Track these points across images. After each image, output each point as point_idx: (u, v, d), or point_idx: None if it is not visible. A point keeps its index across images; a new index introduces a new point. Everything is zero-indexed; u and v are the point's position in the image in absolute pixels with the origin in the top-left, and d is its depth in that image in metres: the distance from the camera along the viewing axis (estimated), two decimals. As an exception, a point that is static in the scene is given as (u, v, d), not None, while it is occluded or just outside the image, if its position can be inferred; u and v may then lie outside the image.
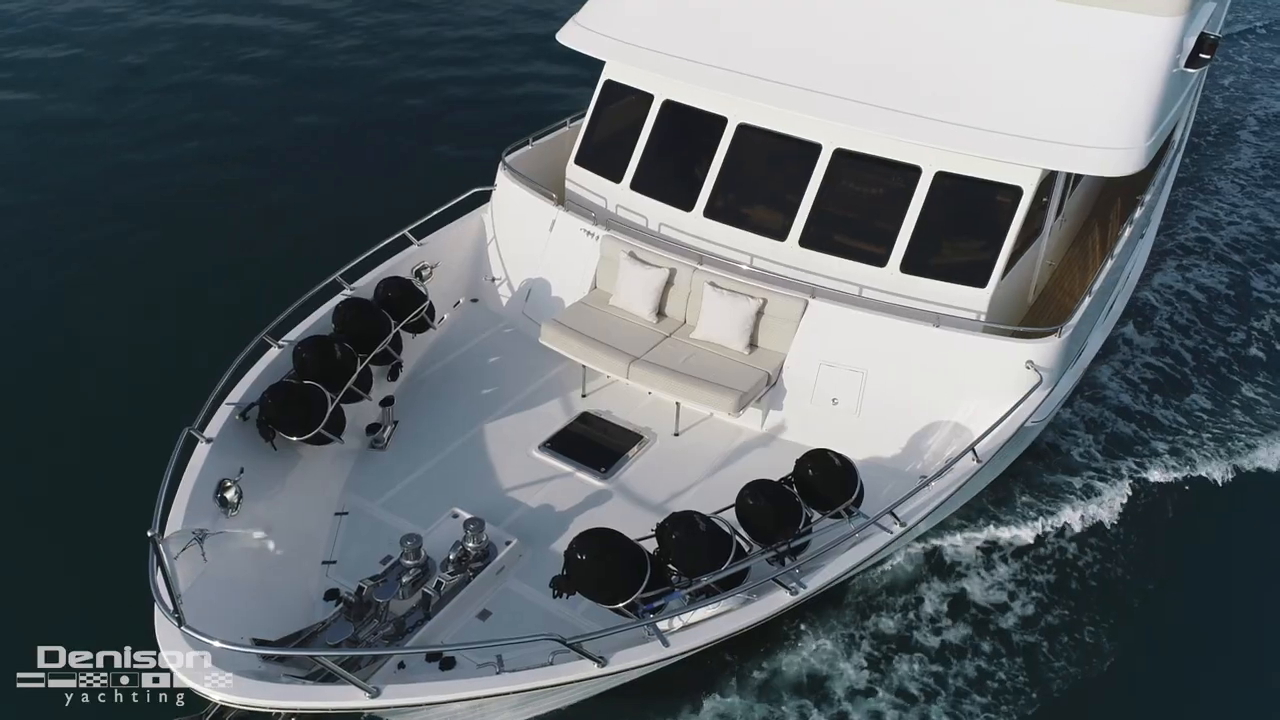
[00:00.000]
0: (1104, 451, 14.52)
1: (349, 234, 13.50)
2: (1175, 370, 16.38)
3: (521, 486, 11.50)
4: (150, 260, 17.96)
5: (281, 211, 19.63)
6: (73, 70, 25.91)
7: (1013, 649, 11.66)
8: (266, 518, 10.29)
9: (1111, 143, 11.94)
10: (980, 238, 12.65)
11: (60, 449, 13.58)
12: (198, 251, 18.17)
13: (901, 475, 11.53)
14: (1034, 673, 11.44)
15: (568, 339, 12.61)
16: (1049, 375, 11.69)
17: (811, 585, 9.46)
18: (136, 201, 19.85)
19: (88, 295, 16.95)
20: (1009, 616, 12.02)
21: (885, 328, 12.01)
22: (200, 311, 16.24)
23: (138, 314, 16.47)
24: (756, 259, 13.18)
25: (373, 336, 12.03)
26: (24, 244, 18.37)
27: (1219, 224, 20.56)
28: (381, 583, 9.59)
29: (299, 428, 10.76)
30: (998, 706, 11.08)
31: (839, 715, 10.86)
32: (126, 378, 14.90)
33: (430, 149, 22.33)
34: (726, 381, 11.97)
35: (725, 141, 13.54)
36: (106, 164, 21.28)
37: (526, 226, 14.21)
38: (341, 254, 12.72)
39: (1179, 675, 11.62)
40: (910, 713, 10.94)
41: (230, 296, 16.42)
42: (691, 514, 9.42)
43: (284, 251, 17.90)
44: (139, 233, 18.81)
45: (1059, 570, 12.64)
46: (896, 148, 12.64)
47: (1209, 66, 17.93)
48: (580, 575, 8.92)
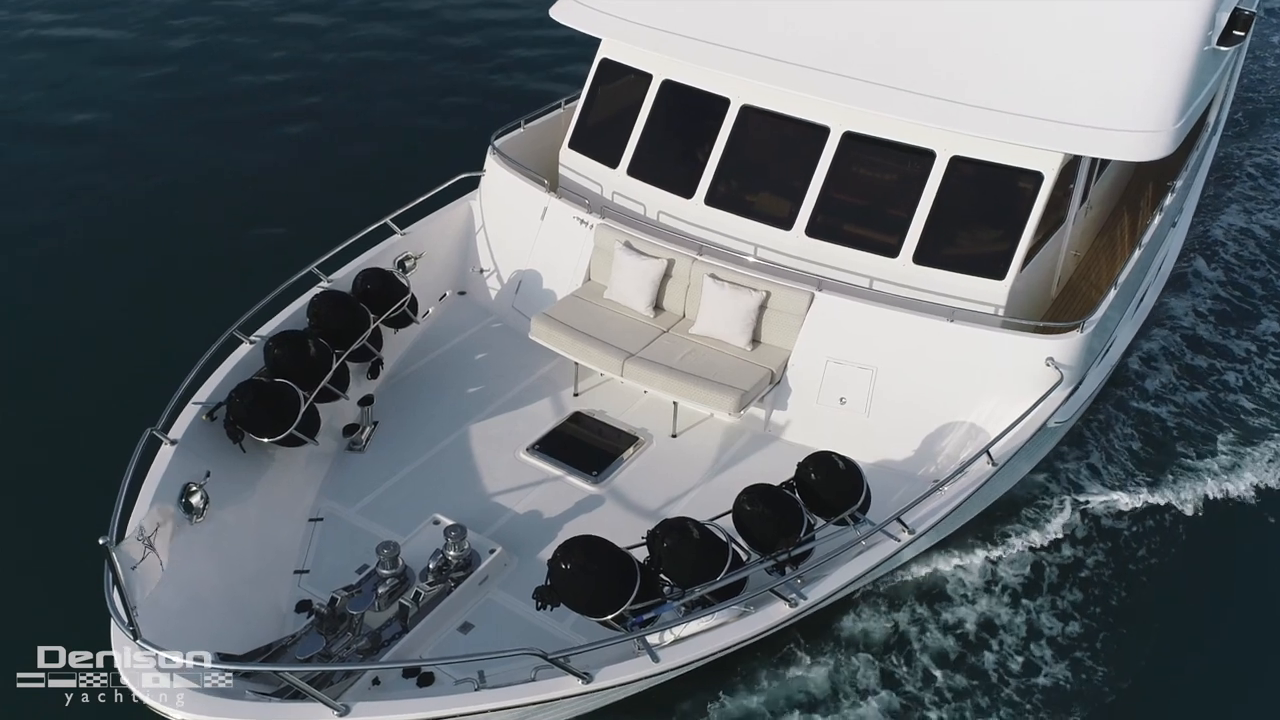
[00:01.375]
0: (1136, 453, 14.48)
1: (327, 223, 13.54)
2: (1214, 366, 16.33)
3: (508, 491, 11.47)
4: (114, 251, 17.99)
5: (255, 199, 19.64)
6: (35, 59, 25.94)
7: (1032, 668, 11.60)
8: (234, 524, 10.27)
9: (1138, 125, 11.88)
10: (998, 227, 12.59)
11: (38, 448, 13.67)
12: (165, 242, 18.18)
13: (912, 479, 11.51)
14: (1057, 695, 11.38)
15: (559, 334, 12.59)
16: (1071, 373, 11.63)
17: (812, 596, 9.42)
18: (100, 191, 19.90)
19: (49, 288, 17.01)
20: (1028, 631, 11.95)
21: (896, 322, 11.97)
22: (167, 305, 16.25)
23: (102, 307, 16.51)
24: (760, 249, 13.15)
25: (350, 331, 12.02)
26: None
27: (1258, 208, 20.51)
28: (356, 593, 9.58)
29: (270, 428, 10.73)
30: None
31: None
32: (92, 374, 14.95)
33: (414, 132, 22.30)
34: (727, 380, 11.94)
35: (728, 124, 13.52)
36: (69, 152, 21.33)
37: (516, 214, 14.19)
38: (319, 244, 12.69)
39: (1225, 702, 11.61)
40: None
41: (200, 289, 16.42)
42: (685, 521, 9.39)
43: (258, 242, 17.91)
44: (103, 222, 18.89)
45: (1083, 584, 12.58)
46: (909, 131, 12.59)
47: (1246, 43, 17.79)
48: (564, 585, 8.87)
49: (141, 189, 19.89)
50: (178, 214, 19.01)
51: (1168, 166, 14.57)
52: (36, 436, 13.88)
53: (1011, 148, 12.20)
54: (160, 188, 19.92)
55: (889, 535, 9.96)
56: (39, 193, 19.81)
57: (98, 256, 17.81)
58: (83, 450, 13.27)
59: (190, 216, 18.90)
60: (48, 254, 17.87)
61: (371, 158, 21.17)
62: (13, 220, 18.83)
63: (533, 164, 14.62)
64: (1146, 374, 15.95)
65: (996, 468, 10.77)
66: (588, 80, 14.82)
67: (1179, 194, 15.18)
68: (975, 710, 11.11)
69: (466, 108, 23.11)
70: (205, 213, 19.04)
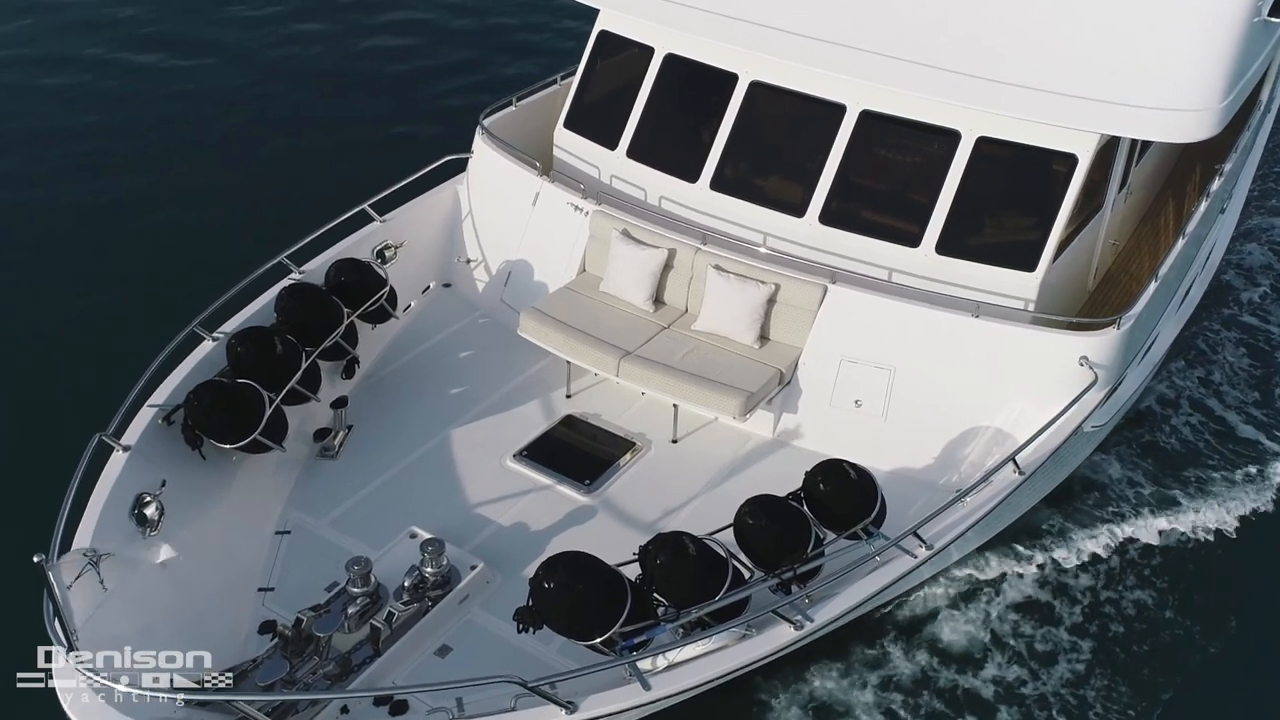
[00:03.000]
0: (1181, 460, 14.43)
1: (298, 209, 13.60)
2: (1269, 365, 16.29)
3: (492, 502, 11.44)
4: (63, 240, 17.94)
5: (219, 184, 19.57)
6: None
7: (1063, 703, 11.52)
8: (192, 538, 10.22)
9: (1182, 103, 11.76)
10: (1029, 214, 12.56)
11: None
12: (119, 230, 18.13)
13: (932, 489, 11.47)
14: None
15: (550, 330, 12.54)
16: (1106, 374, 11.57)
17: (820, 618, 9.34)
18: (50, 173, 19.83)
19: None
20: (1059, 658, 11.88)
21: (917, 318, 11.92)
22: (121, 298, 16.21)
23: (49, 301, 16.43)
24: (770, 238, 13.12)
25: (322, 327, 11.96)
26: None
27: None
28: (324, 613, 9.53)
29: (231, 433, 10.65)
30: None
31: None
32: (37, 374, 14.93)
33: (395, 110, 22.25)
34: (732, 380, 11.89)
35: (735, 102, 13.48)
36: (22, 130, 21.34)
37: (506, 200, 14.15)
38: (289, 232, 12.62)
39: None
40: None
41: (158, 281, 16.38)
42: (680, 535, 9.33)
43: (223, 230, 17.85)
44: (51, 208, 18.81)
45: (1119, 608, 12.52)
46: (932, 109, 12.51)
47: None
48: (547, 606, 8.81)
49: (94, 171, 19.83)
50: (134, 199, 18.94)
51: (1216, 148, 14.49)
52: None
53: (1043, 128, 12.10)
54: (115, 171, 19.86)
55: (905, 551, 9.87)
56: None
57: (46, 245, 17.76)
58: (25, 458, 13.28)
59: (148, 202, 18.83)
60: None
61: (348, 137, 21.10)
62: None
63: (524, 145, 14.54)
64: (1191, 374, 15.87)
65: (1024, 477, 10.68)
66: (585, 54, 14.78)
67: (1227, 178, 15.08)
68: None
69: (452, 84, 23.08)
70: (164, 198, 18.97)
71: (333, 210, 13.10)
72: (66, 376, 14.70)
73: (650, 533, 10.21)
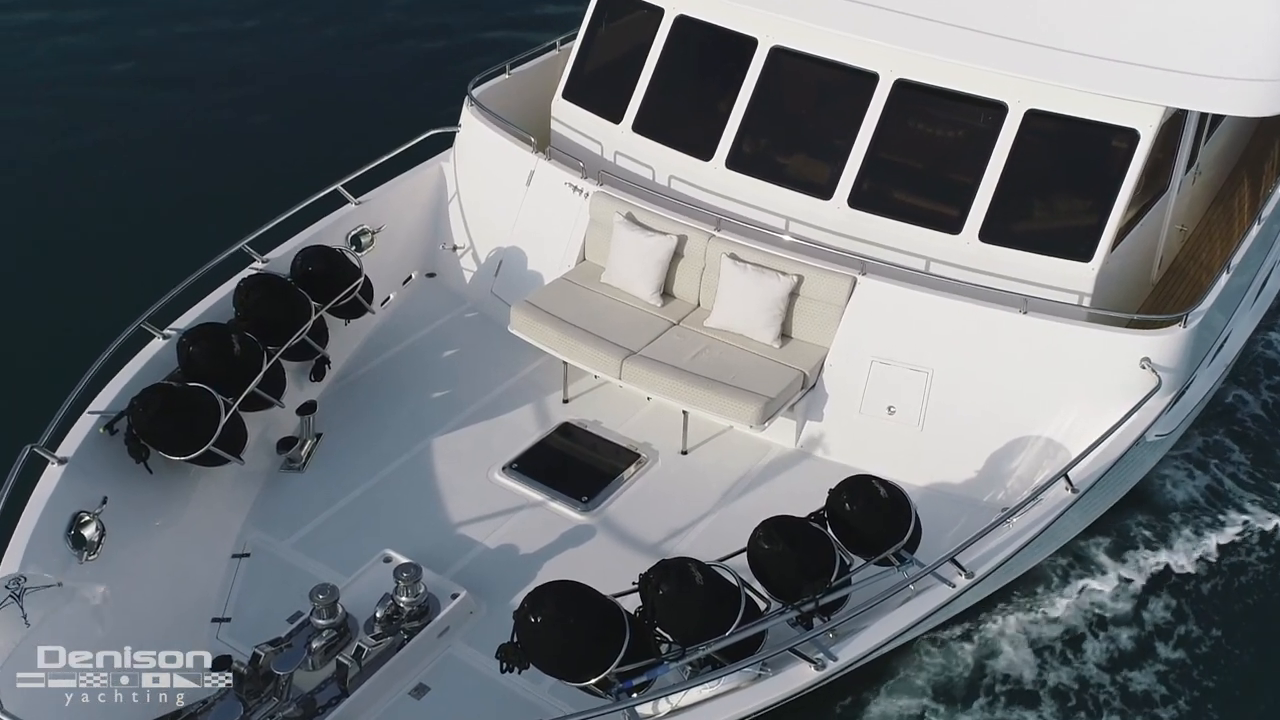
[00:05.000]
0: (1262, 471, 14.34)
1: (262, 189, 13.57)
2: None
3: (477, 521, 11.39)
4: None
5: (172, 160, 19.57)
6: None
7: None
8: (137, 562, 10.14)
9: (1256, 73, 11.78)
10: (1084, 196, 12.55)
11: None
12: (57, 214, 18.10)
13: (974, 508, 11.43)
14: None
15: (545, 326, 12.52)
16: (1172, 376, 11.49)
17: (845, 656, 9.23)
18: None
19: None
20: (1113, 697, 11.76)
21: (958, 314, 11.87)
22: (61, 290, 16.17)
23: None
24: (792, 223, 13.08)
25: (287, 323, 11.91)
26: None
27: None
28: (286, 648, 9.39)
29: (181, 444, 10.55)
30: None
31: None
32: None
33: (373, 77, 22.35)
34: (749, 384, 11.83)
35: (755, 70, 13.46)
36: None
37: (497, 179, 14.17)
38: (251, 216, 12.62)
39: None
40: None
41: (102, 271, 16.36)
42: (686, 561, 9.22)
43: (175, 212, 17.85)
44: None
45: (1189, 642, 12.37)
46: (976, 78, 12.46)
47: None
48: (533, 643, 8.71)
49: (33, 149, 19.85)
50: (71, 178, 18.97)
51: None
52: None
53: (1101, 100, 12.03)
54: (49, 145, 19.87)
55: (942, 579, 9.76)
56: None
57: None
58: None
59: (88, 182, 18.86)
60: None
61: (318, 108, 21.19)
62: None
63: (519, 118, 14.57)
64: (1268, 375, 15.80)
65: (1078, 494, 10.59)
66: (586, 17, 14.83)
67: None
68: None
69: (437, 48, 23.26)
70: (107, 177, 18.99)
71: (300, 191, 13.06)
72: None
73: (654, 557, 10.09)
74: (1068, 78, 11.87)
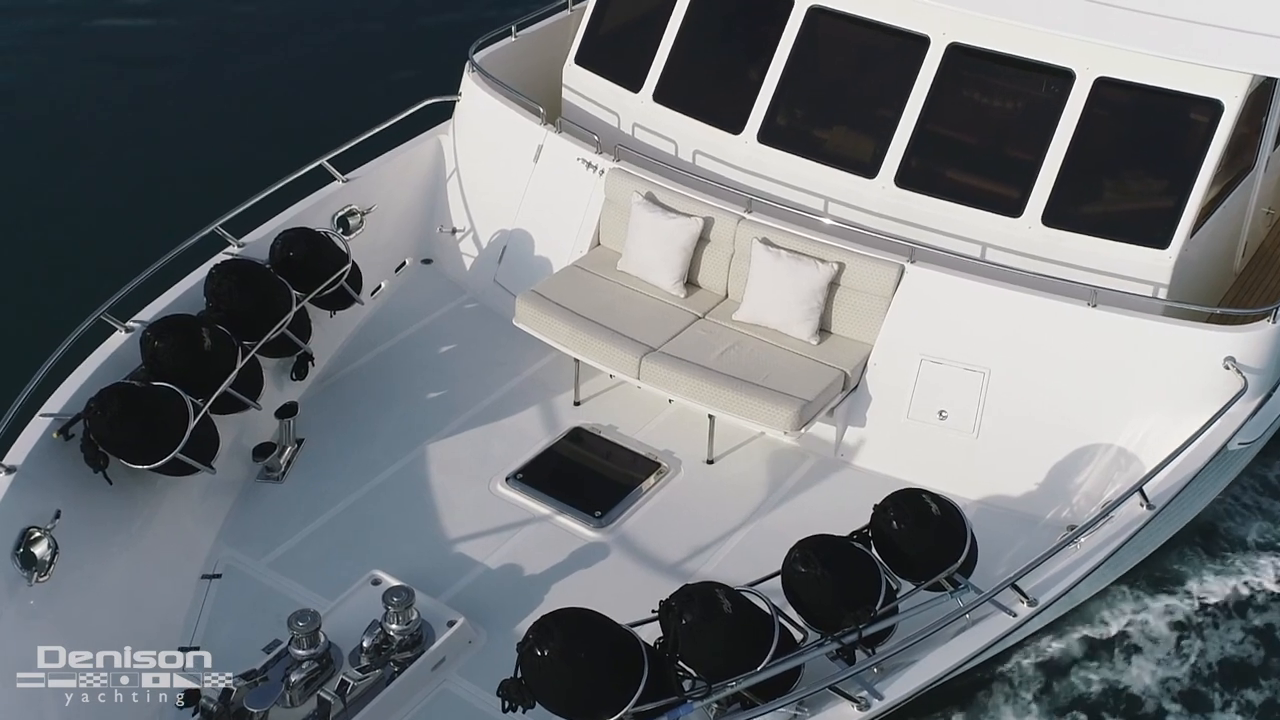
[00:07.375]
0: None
1: (238, 165, 13.52)
2: None
3: (477, 538, 11.36)
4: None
5: (138, 134, 19.68)
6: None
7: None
8: (94, 584, 10.12)
9: None
10: (1160, 175, 12.56)
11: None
12: (13, 191, 18.13)
13: (1037, 527, 11.40)
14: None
15: (554, 319, 12.52)
16: (1258, 379, 11.43)
17: (891, 695, 9.11)
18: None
19: None
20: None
21: (1018, 307, 11.82)
22: (10, 279, 16.16)
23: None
24: (832, 204, 13.10)
25: (265, 316, 11.90)
26: None
27: None
28: (261, 681, 9.32)
29: (144, 451, 10.51)
30: None
31: None
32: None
33: (364, 40, 22.50)
34: (783, 385, 11.80)
35: (790, 32, 13.50)
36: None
37: (502, 155, 14.21)
38: (226, 194, 12.61)
39: None
40: None
41: (56, 256, 16.44)
42: (711, 587, 9.15)
43: (142, 191, 17.93)
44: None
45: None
46: (1040, 43, 12.46)
47: None
48: (539, 679, 8.60)
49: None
50: (26, 156, 19.03)
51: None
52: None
53: (1179, 67, 12.01)
54: (21, 126, 19.98)
55: (1001, 607, 9.67)
56: None
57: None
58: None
59: (43, 159, 18.96)
60: None
61: (302, 75, 21.32)
62: None
63: (526, 86, 14.58)
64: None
65: (1154, 511, 10.50)
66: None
67: None
68: None
69: (436, 6, 23.30)
70: (66, 153, 19.08)
71: (281, 167, 13.05)
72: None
73: (677, 581, 10.14)
74: (1142, 41, 11.85)
